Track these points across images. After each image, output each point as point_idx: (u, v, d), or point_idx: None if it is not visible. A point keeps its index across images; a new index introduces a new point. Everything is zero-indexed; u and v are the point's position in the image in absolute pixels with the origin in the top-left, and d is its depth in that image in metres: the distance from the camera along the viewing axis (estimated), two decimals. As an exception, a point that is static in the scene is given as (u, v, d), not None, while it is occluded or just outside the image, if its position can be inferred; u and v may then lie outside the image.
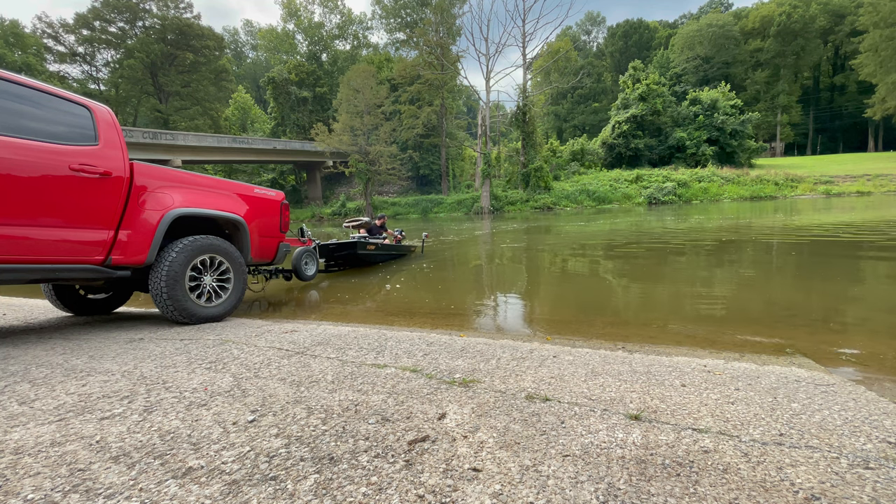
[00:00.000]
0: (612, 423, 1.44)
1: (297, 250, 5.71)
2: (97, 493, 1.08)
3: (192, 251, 3.23)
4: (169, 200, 3.16)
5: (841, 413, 1.49)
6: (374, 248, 7.62)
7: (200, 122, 47.96)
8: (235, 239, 3.80)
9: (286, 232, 4.25)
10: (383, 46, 56.13)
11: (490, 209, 31.45)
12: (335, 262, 7.56)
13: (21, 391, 1.83)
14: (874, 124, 52.94)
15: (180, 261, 3.13)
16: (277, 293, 5.75)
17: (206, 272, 3.39)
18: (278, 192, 4.21)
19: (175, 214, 3.14)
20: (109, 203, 2.83)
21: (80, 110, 2.80)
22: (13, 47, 41.53)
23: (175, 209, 3.16)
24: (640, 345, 2.74)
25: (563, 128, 58.92)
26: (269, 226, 4.06)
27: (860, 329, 3.05)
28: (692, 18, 63.70)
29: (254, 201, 3.92)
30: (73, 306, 3.84)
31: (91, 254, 2.79)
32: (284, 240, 4.30)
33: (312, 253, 5.88)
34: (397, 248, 8.84)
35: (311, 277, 5.82)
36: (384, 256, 8.32)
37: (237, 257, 3.60)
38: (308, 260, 5.76)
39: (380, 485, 1.10)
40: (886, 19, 41.16)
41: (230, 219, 3.63)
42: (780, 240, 8.57)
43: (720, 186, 30.40)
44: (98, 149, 2.79)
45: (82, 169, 2.66)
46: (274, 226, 4.11)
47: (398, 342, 2.61)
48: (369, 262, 7.96)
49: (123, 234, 2.92)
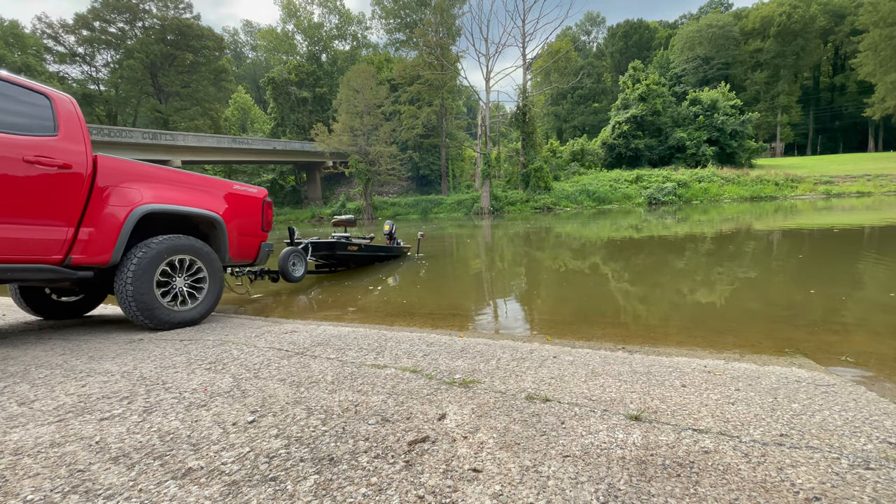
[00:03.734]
0: (612, 423, 1.44)
1: (283, 250, 5.51)
2: (97, 493, 1.08)
3: (162, 251, 3.04)
4: (137, 196, 2.96)
5: (841, 413, 1.49)
6: (356, 249, 7.08)
7: (200, 123, 47.95)
8: (212, 238, 3.57)
9: (269, 231, 4.05)
10: (383, 47, 56.22)
11: (490, 209, 31.46)
12: (326, 264, 7.22)
13: (21, 392, 1.83)
14: (874, 124, 52.95)
15: (148, 261, 2.94)
16: (277, 293, 5.74)
17: (178, 274, 3.20)
18: (260, 188, 4.01)
19: (143, 211, 2.95)
20: (69, 198, 2.65)
21: (38, 98, 2.63)
22: (13, 48, 41.54)
23: (143, 205, 2.96)
24: (640, 345, 2.74)
25: (563, 128, 58.92)
26: (250, 224, 3.84)
27: (860, 329, 3.05)
28: (692, 19, 63.70)
29: (233, 198, 3.69)
30: (41, 309, 3.64)
31: (48, 253, 2.61)
32: (266, 239, 4.08)
33: (300, 254, 5.68)
34: (387, 250, 8.24)
35: (299, 279, 5.64)
36: (370, 258, 7.74)
37: (213, 258, 3.40)
38: (296, 261, 5.57)
39: (380, 485, 1.10)
40: (886, 19, 41.16)
41: (206, 216, 3.41)
42: (779, 240, 8.57)
43: (720, 187, 30.39)
44: (57, 140, 2.63)
45: (38, 161, 2.50)
46: (255, 224, 3.89)
47: (398, 342, 2.61)
48: (358, 263, 7.51)
49: (85, 231, 2.74)
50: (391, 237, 8.70)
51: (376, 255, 7.88)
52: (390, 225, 8.77)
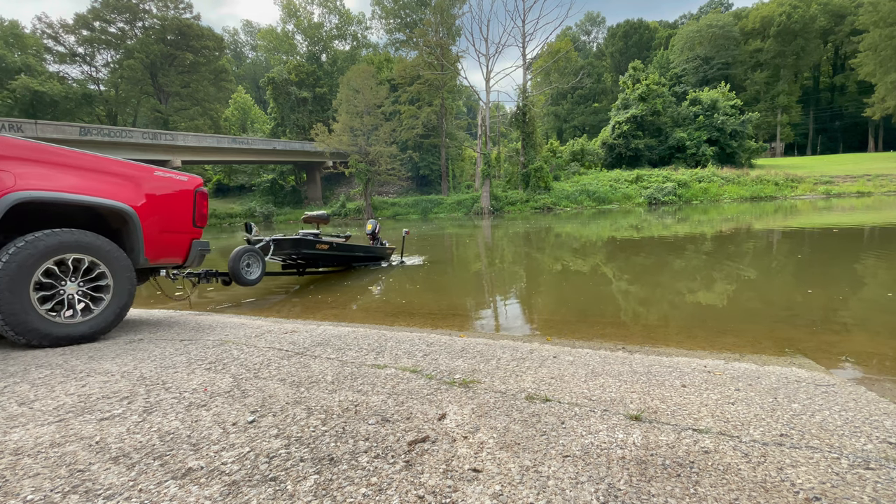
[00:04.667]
0: (612, 423, 1.44)
1: (235, 250, 4.88)
2: (97, 493, 1.08)
3: (43, 250, 2.48)
4: (9, 181, 2.37)
5: (841, 413, 1.49)
6: (327, 248, 6.33)
7: (200, 123, 47.95)
8: (124, 235, 3.01)
9: (203, 226, 3.52)
10: (383, 47, 56.19)
11: (490, 209, 31.45)
12: (294, 264, 6.50)
13: (21, 392, 1.83)
14: (874, 124, 52.91)
15: (20, 261, 2.39)
16: (277, 293, 5.74)
17: (70, 277, 2.64)
18: (193, 176, 3.46)
19: (15, 200, 2.36)
20: None
21: None
22: (13, 48, 41.54)
23: (17, 192, 2.38)
24: (640, 345, 2.74)
25: (563, 128, 58.91)
26: (177, 219, 3.29)
27: (860, 329, 3.05)
28: (692, 19, 63.70)
29: (154, 187, 3.12)
30: None
31: None
32: (200, 236, 3.54)
33: (255, 253, 5.07)
34: (366, 250, 7.45)
35: (254, 282, 5.05)
36: (344, 259, 6.97)
37: (119, 259, 2.83)
38: (250, 261, 4.95)
39: (380, 485, 1.10)
40: (886, 18, 41.13)
41: (113, 208, 2.82)
42: (779, 240, 8.57)
43: (720, 187, 30.37)
44: None
45: None
46: (183, 219, 3.33)
47: (398, 342, 2.61)
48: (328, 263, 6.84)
49: None
50: (374, 237, 8.04)
51: (352, 255, 7.10)
52: (373, 224, 8.14)
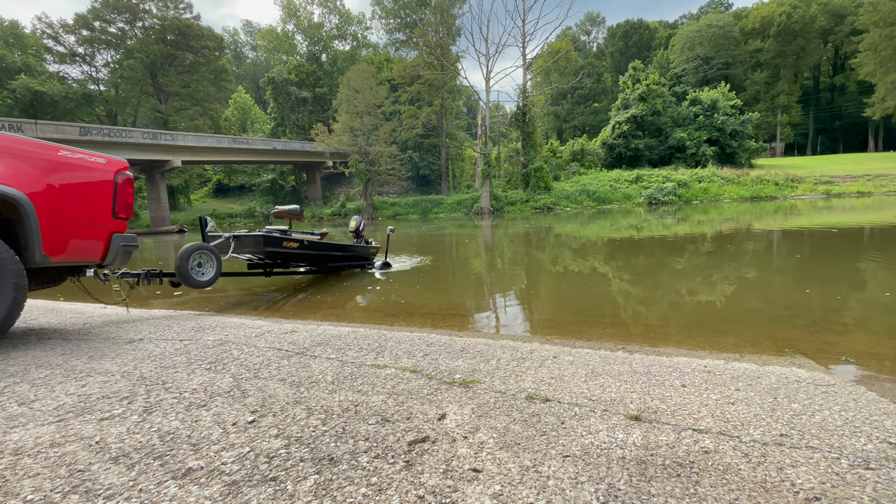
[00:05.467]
0: (612, 423, 1.44)
1: (184, 248, 4.22)
2: (97, 493, 1.08)
3: None
4: None
5: (841, 413, 1.49)
6: (297, 247, 5.63)
7: (200, 123, 47.93)
8: (17, 227, 2.55)
9: (128, 218, 3.02)
10: (383, 47, 56.18)
11: (490, 209, 31.44)
12: (260, 263, 5.81)
13: (21, 392, 1.83)
14: (874, 124, 52.91)
15: None
16: (277, 294, 5.74)
17: None
18: (112, 158, 2.98)
19: None
20: None
21: None
22: (13, 48, 41.53)
23: None
24: (640, 345, 2.74)
25: (563, 128, 58.92)
26: (89, 209, 2.82)
27: (860, 329, 3.05)
28: (692, 19, 63.69)
29: (57, 171, 2.68)
30: None
31: None
32: (124, 229, 3.02)
33: (209, 252, 4.42)
34: (345, 249, 6.71)
35: (207, 284, 4.37)
36: (317, 259, 6.22)
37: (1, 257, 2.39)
38: (202, 260, 4.35)
39: (380, 485, 1.10)
40: (886, 18, 41.13)
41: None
42: (779, 240, 8.57)
43: (720, 187, 30.38)
44: None
45: None
46: (100, 209, 2.87)
47: (398, 342, 2.61)
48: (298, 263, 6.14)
49: None
50: (358, 235, 7.30)
51: (327, 255, 6.35)
52: (357, 220, 7.39)
